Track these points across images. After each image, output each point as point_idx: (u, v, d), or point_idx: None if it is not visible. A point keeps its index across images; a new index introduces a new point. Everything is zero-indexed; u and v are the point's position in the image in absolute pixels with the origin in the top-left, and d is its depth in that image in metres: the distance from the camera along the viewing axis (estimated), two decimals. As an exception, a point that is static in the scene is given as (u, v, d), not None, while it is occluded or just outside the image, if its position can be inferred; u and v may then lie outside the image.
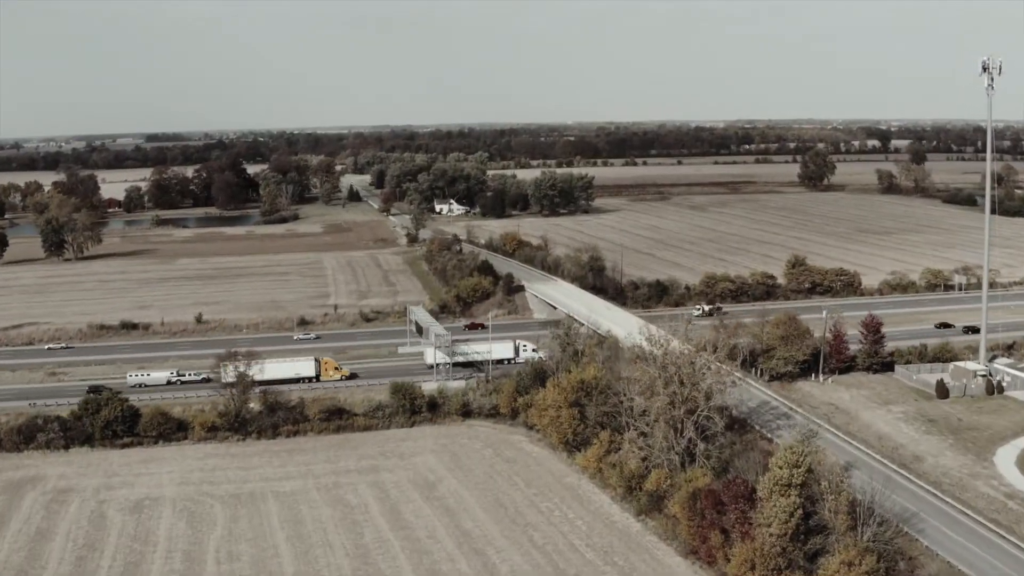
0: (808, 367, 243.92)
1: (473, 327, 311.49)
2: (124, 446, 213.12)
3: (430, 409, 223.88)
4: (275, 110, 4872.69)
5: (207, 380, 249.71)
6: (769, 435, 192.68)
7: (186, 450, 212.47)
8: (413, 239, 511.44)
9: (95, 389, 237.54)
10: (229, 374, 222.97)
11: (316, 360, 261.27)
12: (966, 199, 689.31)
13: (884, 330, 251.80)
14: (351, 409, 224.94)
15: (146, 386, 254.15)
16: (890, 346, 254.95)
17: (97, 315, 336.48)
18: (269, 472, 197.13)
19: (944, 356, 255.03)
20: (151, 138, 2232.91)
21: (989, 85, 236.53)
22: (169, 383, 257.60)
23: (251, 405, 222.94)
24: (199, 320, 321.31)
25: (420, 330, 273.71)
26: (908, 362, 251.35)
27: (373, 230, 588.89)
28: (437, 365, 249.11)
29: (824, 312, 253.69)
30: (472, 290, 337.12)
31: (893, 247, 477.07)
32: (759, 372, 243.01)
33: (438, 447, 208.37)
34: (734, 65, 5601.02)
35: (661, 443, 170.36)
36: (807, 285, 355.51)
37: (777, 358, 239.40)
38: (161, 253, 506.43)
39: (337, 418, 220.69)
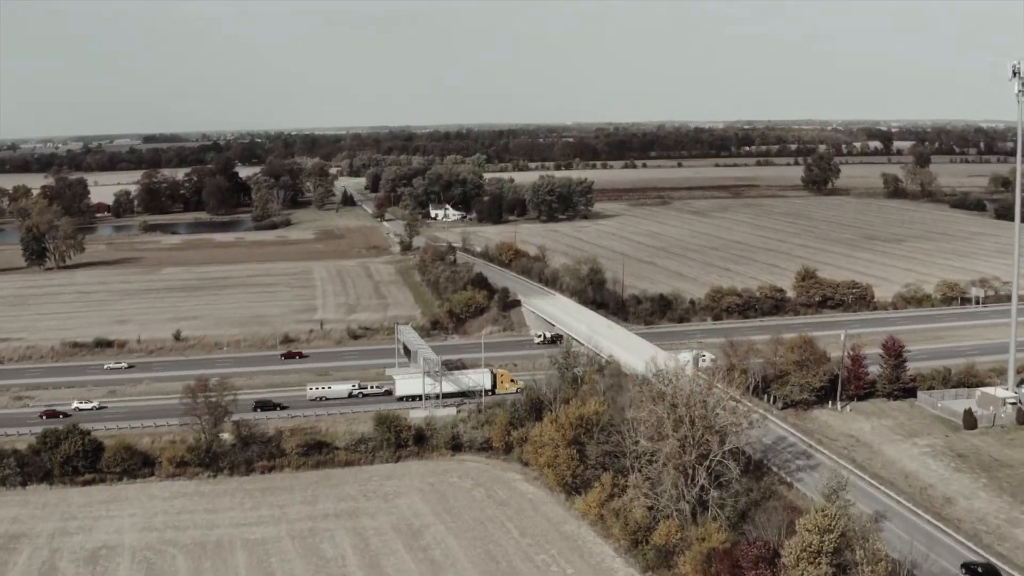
0: (824, 393, 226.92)
1: (290, 356, 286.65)
2: (85, 483, 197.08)
3: (417, 442, 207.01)
4: (274, 111, 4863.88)
5: (388, 393, 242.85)
6: (788, 479, 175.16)
7: (152, 488, 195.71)
8: (407, 247, 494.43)
9: (263, 404, 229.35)
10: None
11: (492, 373, 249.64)
12: (975, 204, 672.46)
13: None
14: (332, 442, 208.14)
15: (327, 400, 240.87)
16: (910, 366, 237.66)
17: (73, 330, 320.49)
18: (239, 516, 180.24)
19: (969, 381, 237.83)
20: (149, 139, 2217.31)
21: (1020, 91, 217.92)
22: (351, 396, 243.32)
23: (225, 436, 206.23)
24: (177, 337, 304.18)
25: (408, 353, 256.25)
26: (931, 388, 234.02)
27: (366, 237, 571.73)
28: (425, 395, 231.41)
29: (842, 335, 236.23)
30: (465, 305, 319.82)
31: (904, 256, 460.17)
32: (772, 399, 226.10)
33: (425, 486, 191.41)
34: (733, 65, 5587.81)
35: (670, 491, 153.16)
36: (817, 298, 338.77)
37: (792, 384, 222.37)
38: (146, 262, 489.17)
39: (316, 452, 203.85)
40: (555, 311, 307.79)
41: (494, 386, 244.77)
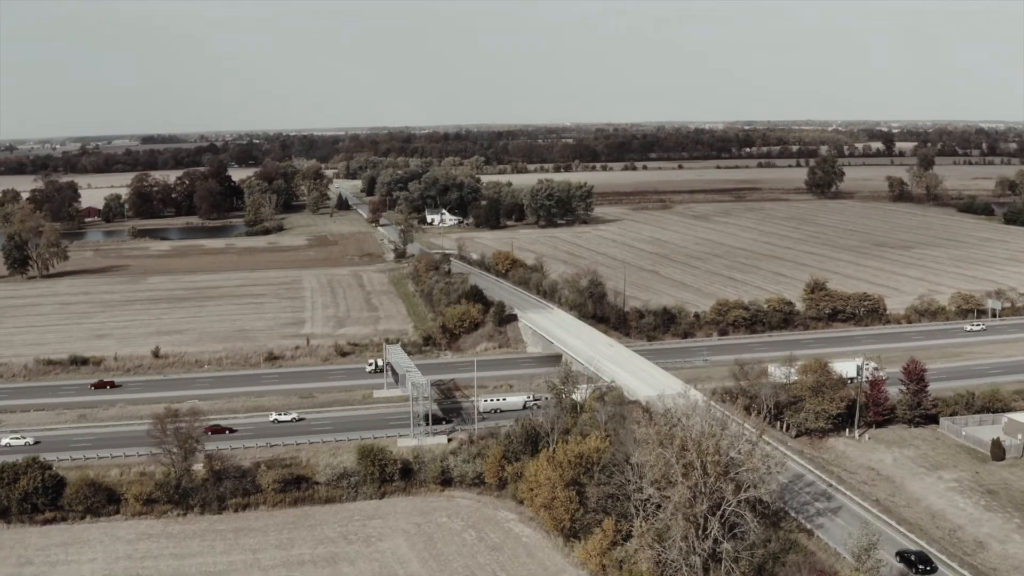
0: (840, 419, 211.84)
1: (100, 386, 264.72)
2: (46, 522, 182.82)
3: (403, 476, 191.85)
4: (273, 111, 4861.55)
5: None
6: (809, 525, 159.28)
7: (117, 528, 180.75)
8: (401, 254, 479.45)
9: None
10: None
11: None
12: (983, 208, 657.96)
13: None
14: (312, 476, 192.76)
15: (502, 411, 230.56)
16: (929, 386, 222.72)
17: (49, 345, 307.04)
18: (208, 561, 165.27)
19: (994, 405, 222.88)
20: (147, 140, 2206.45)
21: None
22: (525, 407, 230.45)
23: (198, 467, 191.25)
24: (156, 355, 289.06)
25: (396, 376, 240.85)
26: (954, 413, 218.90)
27: (359, 243, 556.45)
28: (415, 419, 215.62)
29: (859, 358, 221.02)
30: (459, 320, 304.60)
31: (913, 264, 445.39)
32: (784, 426, 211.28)
33: (411, 527, 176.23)
34: (732, 65, 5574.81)
35: (679, 544, 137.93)
36: (828, 311, 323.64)
37: (807, 411, 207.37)
38: (132, 270, 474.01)
39: (295, 488, 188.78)
40: (553, 327, 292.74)
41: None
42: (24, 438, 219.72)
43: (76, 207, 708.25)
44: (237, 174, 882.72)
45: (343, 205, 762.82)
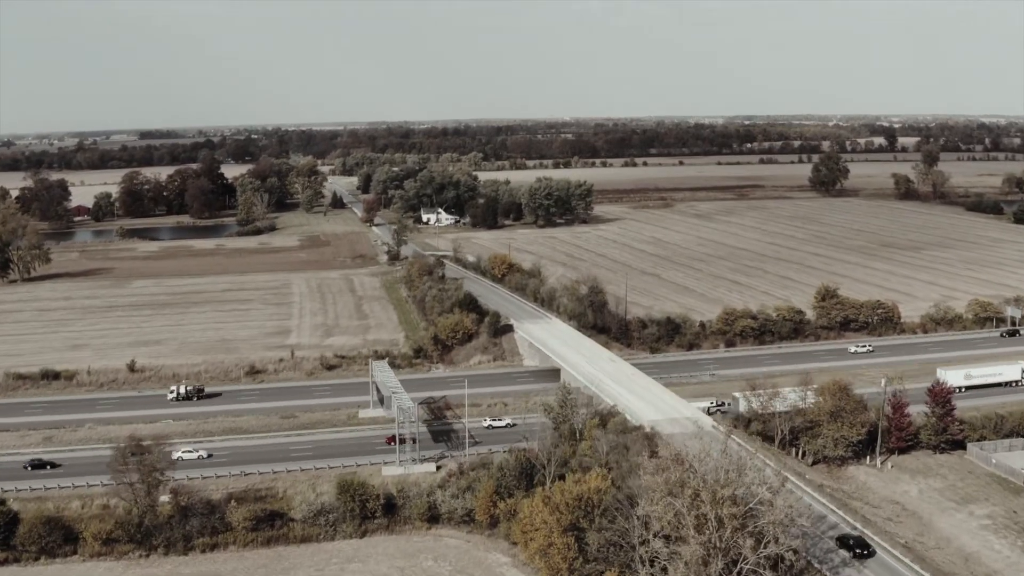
0: (860, 444, 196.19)
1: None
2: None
3: (387, 512, 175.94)
4: (272, 107, 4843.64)
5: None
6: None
7: (72, 570, 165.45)
8: (394, 257, 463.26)
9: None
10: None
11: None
12: (992, 207, 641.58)
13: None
14: (287, 512, 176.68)
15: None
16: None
17: (22, 357, 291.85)
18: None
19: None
20: (145, 135, 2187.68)
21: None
22: (709, 412, 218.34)
23: (165, 499, 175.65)
24: (132, 368, 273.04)
25: (381, 397, 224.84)
26: (982, 438, 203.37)
27: (352, 244, 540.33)
28: (401, 441, 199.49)
29: (882, 381, 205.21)
30: (452, 330, 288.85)
31: (924, 266, 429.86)
32: (800, 453, 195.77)
33: (393, 571, 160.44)
34: (732, 61, 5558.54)
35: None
36: (839, 320, 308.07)
37: (825, 437, 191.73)
38: (117, 273, 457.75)
39: (268, 526, 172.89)
40: (551, 339, 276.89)
41: None
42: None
43: (65, 206, 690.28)
44: (233, 170, 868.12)
45: (338, 203, 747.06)
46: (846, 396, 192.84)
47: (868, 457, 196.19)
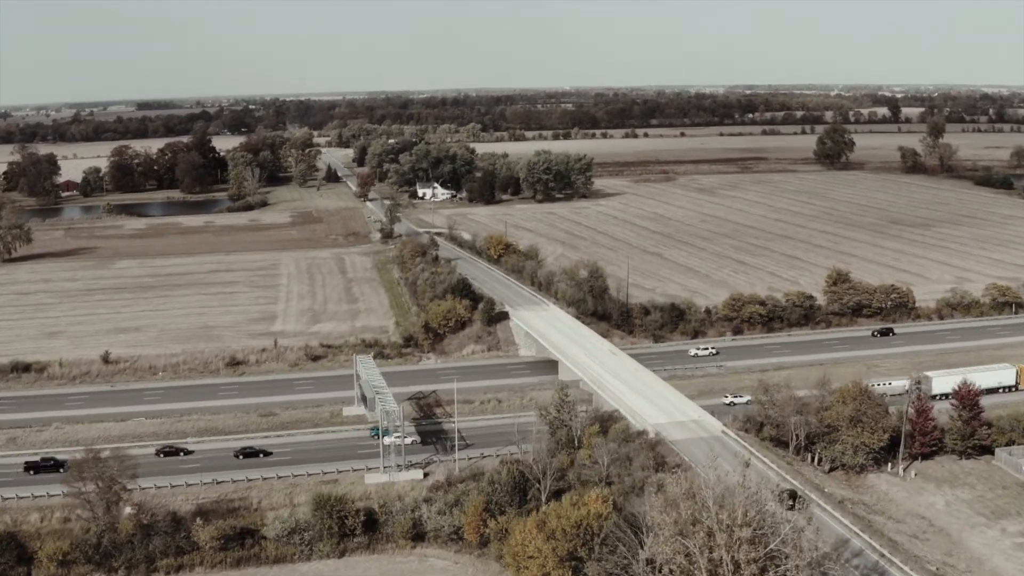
0: (880, 449, 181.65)
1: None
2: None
3: (367, 529, 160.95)
4: (272, 75, 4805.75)
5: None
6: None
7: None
8: (387, 235, 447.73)
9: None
10: None
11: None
12: (1002, 182, 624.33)
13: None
14: (259, 528, 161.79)
15: (890, 396, 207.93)
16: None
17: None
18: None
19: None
20: (142, 106, 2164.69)
21: None
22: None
23: (128, 511, 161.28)
24: (106, 360, 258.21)
25: (365, 397, 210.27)
26: (1011, 442, 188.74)
27: (345, 221, 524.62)
28: (387, 445, 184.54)
29: (906, 382, 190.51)
30: (444, 318, 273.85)
31: (935, 245, 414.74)
32: (816, 459, 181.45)
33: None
34: (733, 30, 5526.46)
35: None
36: (851, 305, 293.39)
37: (844, 443, 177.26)
38: (101, 253, 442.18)
39: (238, 545, 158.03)
40: (548, 328, 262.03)
41: None
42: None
43: (53, 181, 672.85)
44: (228, 142, 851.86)
45: (332, 177, 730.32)
46: (867, 400, 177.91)
47: (889, 464, 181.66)
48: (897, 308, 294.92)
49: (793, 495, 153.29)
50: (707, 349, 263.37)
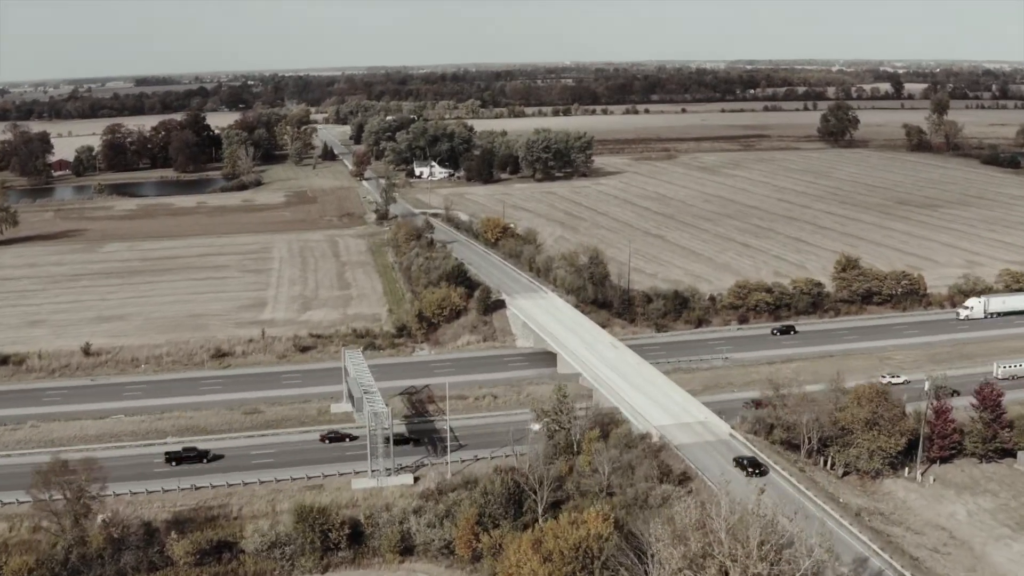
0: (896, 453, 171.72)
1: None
2: None
3: (353, 542, 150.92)
4: (270, 52, 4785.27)
5: None
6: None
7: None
8: (383, 216, 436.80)
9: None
10: None
11: None
12: (1009, 161, 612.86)
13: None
14: (237, 540, 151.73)
15: (1017, 378, 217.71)
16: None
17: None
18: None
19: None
20: (141, 82, 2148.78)
21: None
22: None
23: (102, 517, 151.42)
24: (87, 352, 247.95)
25: (352, 396, 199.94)
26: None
27: (340, 201, 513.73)
28: (375, 454, 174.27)
29: (926, 384, 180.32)
30: (438, 307, 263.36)
31: (944, 227, 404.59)
32: (828, 463, 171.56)
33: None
34: (733, 4, 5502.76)
35: None
36: (861, 292, 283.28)
37: (859, 447, 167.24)
38: (90, 235, 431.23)
39: (215, 559, 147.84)
40: (547, 318, 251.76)
41: None
42: None
43: (45, 160, 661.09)
44: (225, 119, 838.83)
45: (328, 155, 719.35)
46: (884, 402, 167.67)
47: (907, 468, 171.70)
48: (908, 295, 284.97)
49: (754, 463, 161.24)
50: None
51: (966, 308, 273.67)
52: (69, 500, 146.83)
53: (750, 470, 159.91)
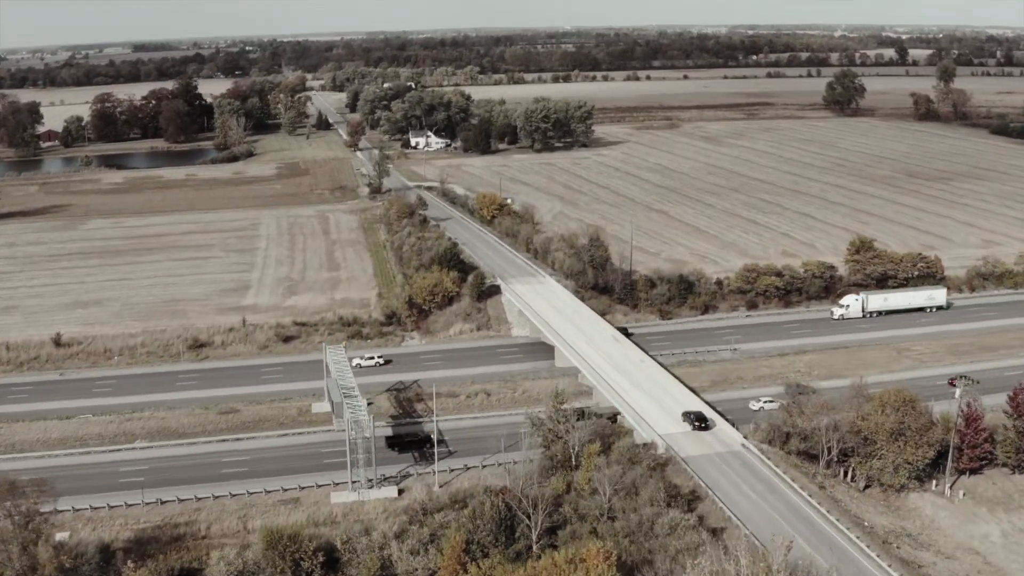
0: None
1: None
2: None
3: (328, 569, 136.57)
4: (269, 16, 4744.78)
5: None
6: None
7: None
8: (376, 190, 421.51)
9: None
10: None
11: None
12: (1020, 131, 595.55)
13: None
14: (202, 568, 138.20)
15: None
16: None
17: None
18: None
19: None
20: (138, 48, 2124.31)
21: None
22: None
23: (58, 537, 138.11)
24: (57, 343, 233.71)
25: (332, 399, 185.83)
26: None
27: (333, 173, 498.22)
28: (357, 459, 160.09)
29: (956, 390, 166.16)
30: (430, 292, 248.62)
31: (957, 202, 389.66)
32: (850, 474, 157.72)
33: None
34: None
35: None
36: (876, 276, 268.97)
37: (883, 459, 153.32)
38: (73, 211, 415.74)
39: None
40: (544, 306, 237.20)
41: None
42: None
43: (34, 131, 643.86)
44: (220, 86, 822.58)
45: (323, 124, 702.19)
46: (912, 411, 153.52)
47: (934, 481, 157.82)
48: (925, 278, 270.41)
49: (701, 417, 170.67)
50: None
51: (841, 307, 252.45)
52: (17, 526, 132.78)
53: (697, 424, 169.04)
